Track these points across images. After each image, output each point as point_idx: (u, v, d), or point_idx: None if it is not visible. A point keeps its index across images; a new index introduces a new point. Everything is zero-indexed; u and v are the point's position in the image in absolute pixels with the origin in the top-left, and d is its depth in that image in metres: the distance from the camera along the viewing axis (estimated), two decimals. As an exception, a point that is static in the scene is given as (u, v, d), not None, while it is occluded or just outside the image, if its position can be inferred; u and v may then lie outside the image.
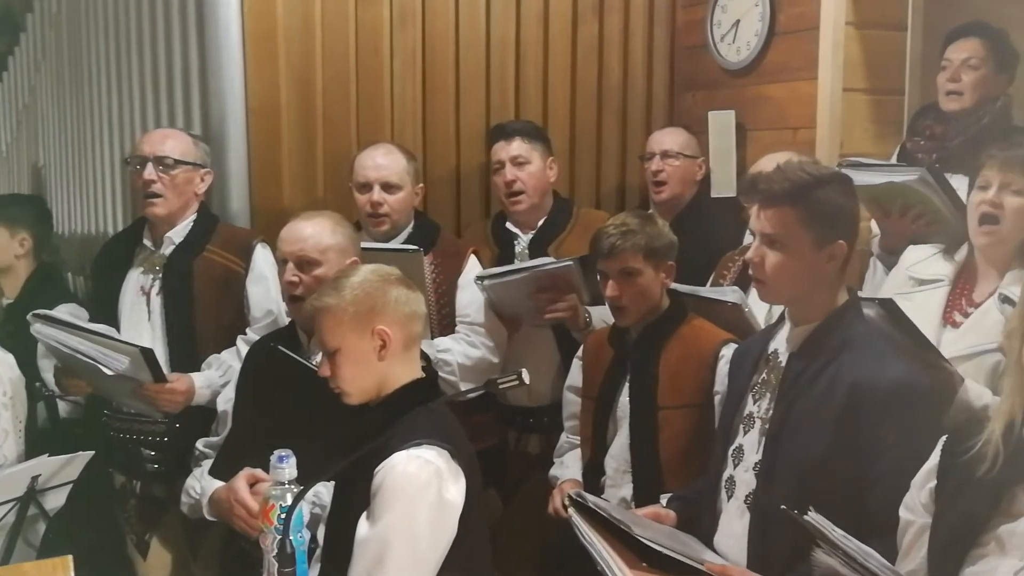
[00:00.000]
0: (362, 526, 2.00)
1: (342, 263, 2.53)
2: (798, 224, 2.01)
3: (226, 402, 2.73)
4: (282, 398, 2.48)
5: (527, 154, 3.23)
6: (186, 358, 2.89)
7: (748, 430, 2.13)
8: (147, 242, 3.00)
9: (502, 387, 2.04)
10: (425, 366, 2.28)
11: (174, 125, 3.26)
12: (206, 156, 3.04)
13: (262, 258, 2.95)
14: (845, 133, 3.33)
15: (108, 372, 2.65)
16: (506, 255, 3.26)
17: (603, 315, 2.88)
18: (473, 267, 3.10)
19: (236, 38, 3.24)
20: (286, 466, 2.02)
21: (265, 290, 2.92)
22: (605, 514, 2.07)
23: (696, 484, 2.32)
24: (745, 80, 3.70)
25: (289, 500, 1.96)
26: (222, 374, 2.87)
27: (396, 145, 3.21)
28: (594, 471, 2.67)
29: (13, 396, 2.70)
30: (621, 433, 2.61)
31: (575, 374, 2.84)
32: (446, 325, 3.05)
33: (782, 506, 1.83)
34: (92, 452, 2.58)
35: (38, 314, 2.76)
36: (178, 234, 2.97)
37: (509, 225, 3.32)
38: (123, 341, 2.74)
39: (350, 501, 2.06)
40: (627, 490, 2.57)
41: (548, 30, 3.77)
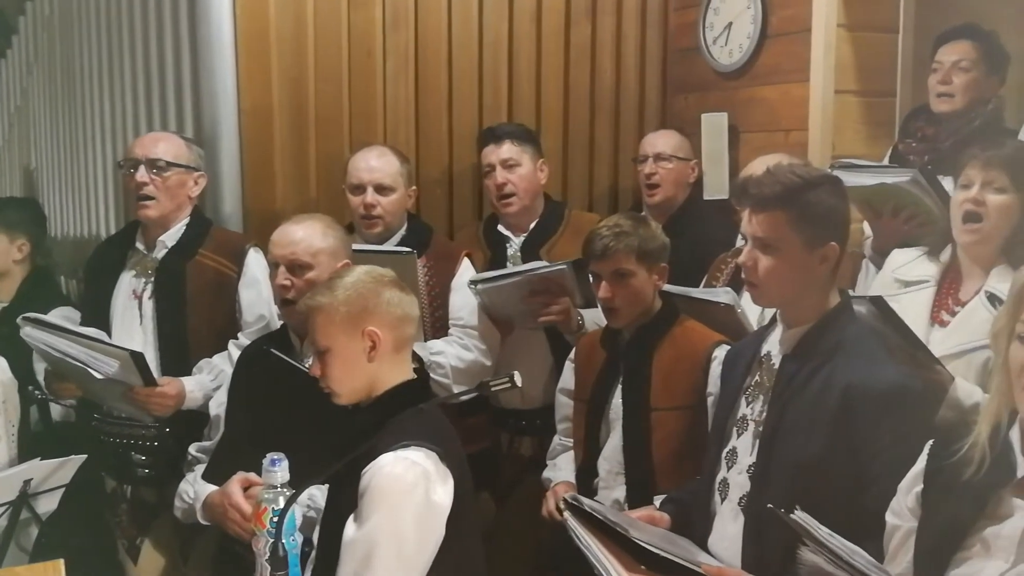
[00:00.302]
0: (349, 528, 1.99)
1: (334, 266, 2.53)
2: (789, 227, 2.01)
3: (219, 406, 2.72)
4: (275, 401, 2.48)
5: (517, 157, 3.23)
6: (178, 362, 2.89)
7: (742, 432, 2.13)
8: (139, 245, 2.99)
9: (494, 389, 2.05)
10: (418, 368, 2.27)
11: (166, 127, 3.26)
12: (200, 159, 3.03)
13: (255, 262, 2.95)
14: (837, 135, 3.33)
15: (98, 376, 2.65)
16: (498, 258, 3.27)
17: (595, 318, 2.88)
18: (466, 270, 3.10)
19: (228, 40, 3.23)
20: (278, 469, 2.02)
21: (257, 294, 2.92)
22: (601, 517, 2.06)
23: (689, 486, 2.32)
24: (737, 82, 3.70)
25: (281, 503, 1.97)
26: (213, 378, 2.87)
27: (389, 147, 3.20)
28: (587, 473, 2.68)
29: (5, 400, 2.69)
30: (614, 435, 2.61)
31: (567, 376, 2.84)
32: (439, 328, 3.05)
33: (768, 504, 1.83)
34: (84, 456, 2.57)
35: (28, 317, 2.75)
36: (171, 237, 2.96)
37: (501, 228, 3.32)
38: (113, 345, 2.74)
39: (341, 503, 2.06)
40: (620, 492, 2.58)
41: (541, 32, 3.77)
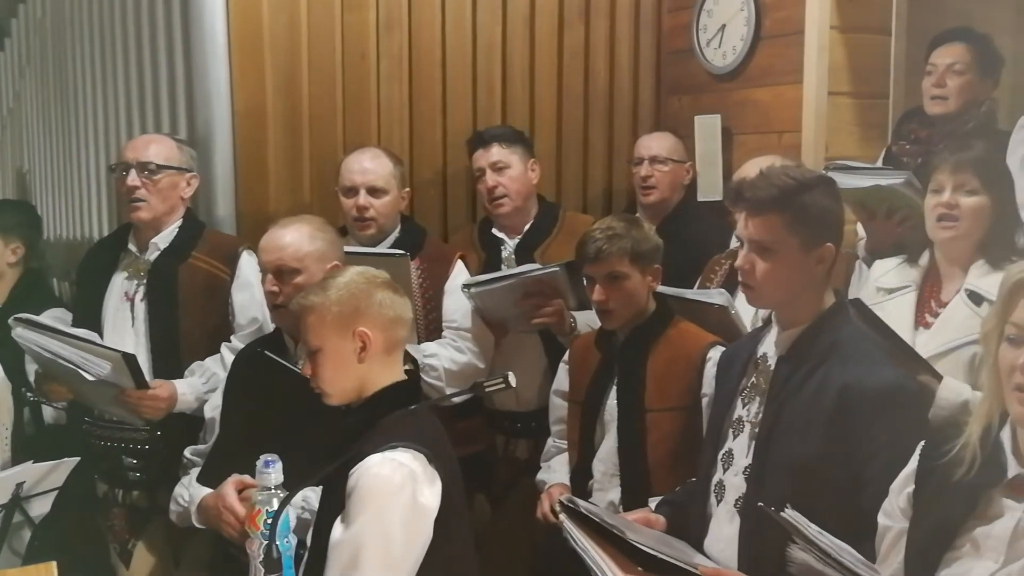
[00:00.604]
0: (336, 529, 1.98)
1: (322, 269, 2.51)
2: (786, 229, 2.01)
3: (214, 409, 2.71)
4: (269, 403, 2.47)
5: (506, 159, 3.23)
6: (170, 365, 2.88)
7: (738, 434, 2.13)
8: (132, 247, 2.98)
9: (488, 390, 2.05)
10: (411, 370, 2.27)
11: (159, 129, 3.25)
12: (192, 160, 3.02)
13: (247, 265, 2.93)
14: (830, 137, 3.34)
15: (89, 377, 2.63)
16: (493, 261, 3.26)
17: (589, 320, 2.88)
18: (460, 272, 3.09)
19: (222, 42, 3.23)
20: (272, 471, 2.02)
21: (250, 297, 2.91)
22: (597, 519, 2.06)
23: (684, 488, 2.32)
24: (731, 84, 3.71)
25: (275, 505, 1.96)
26: (205, 381, 2.85)
27: (382, 149, 3.20)
28: (581, 475, 2.67)
29: (-1, 402, 2.69)
30: (608, 437, 2.61)
31: (561, 378, 2.84)
32: (433, 330, 3.04)
33: (759, 503, 1.83)
34: (77, 459, 2.56)
35: (19, 318, 2.74)
36: (163, 240, 2.95)
37: (495, 231, 3.31)
38: (105, 346, 2.72)
39: (332, 505, 2.05)
40: (615, 493, 2.58)
41: (534, 34, 3.77)
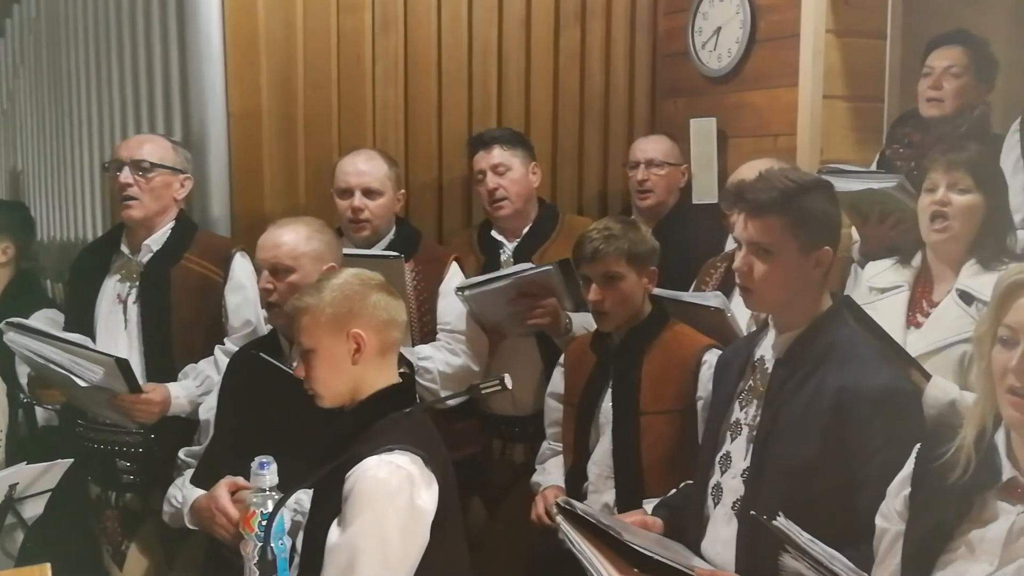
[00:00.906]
0: (333, 532, 1.98)
1: (318, 270, 2.51)
2: (785, 232, 2.02)
3: (208, 411, 2.71)
4: (264, 405, 2.46)
5: (507, 161, 3.22)
6: (163, 367, 2.86)
7: (735, 437, 2.13)
8: (124, 249, 2.97)
9: (484, 392, 2.05)
10: (407, 373, 2.26)
11: (154, 130, 3.24)
12: (186, 162, 3.01)
13: (240, 267, 2.92)
14: (825, 140, 3.34)
15: (82, 384, 2.62)
16: (491, 263, 3.24)
17: (584, 321, 2.87)
18: (455, 274, 3.09)
19: (217, 43, 3.22)
20: (267, 472, 2.01)
21: (243, 299, 2.90)
22: (594, 521, 2.06)
23: (681, 491, 2.32)
24: (726, 87, 3.71)
25: (270, 507, 1.96)
26: (199, 384, 2.84)
27: (378, 151, 3.19)
28: (576, 477, 2.67)
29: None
30: (604, 439, 2.61)
31: (557, 380, 2.84)
32: (427, 332, 3.04)
33: (751, 512, 1.83)
34: (71, 460, 2.56)
35: (12, 322, 2.72)
36: (156, 241, 2.93)
37: (494, 233, 3.30)
38: (98, 351, 2.71)
39: (325, 508, 2.05)
40: (610, 496, 2.57)
41: (530, 36, 3.77)
